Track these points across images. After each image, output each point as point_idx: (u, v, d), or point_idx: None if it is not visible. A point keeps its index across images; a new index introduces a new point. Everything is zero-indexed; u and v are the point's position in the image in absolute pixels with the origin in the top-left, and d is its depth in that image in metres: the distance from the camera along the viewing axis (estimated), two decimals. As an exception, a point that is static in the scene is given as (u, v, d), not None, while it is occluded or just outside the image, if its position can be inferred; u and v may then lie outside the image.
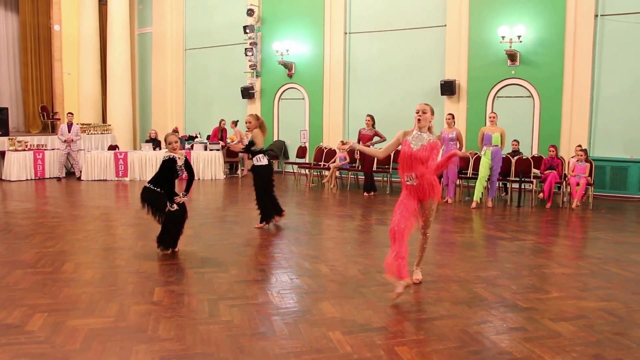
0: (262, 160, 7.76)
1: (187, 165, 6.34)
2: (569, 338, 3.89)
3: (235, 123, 14.82)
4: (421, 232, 5.09)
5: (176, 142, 6.17)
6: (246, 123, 7.73)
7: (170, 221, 6.14)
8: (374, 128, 11.41)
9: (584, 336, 3.93)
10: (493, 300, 4.72)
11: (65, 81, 18.15)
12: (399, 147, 4.92)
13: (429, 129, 4.82)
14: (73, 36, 18.14)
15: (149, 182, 6.16)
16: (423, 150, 4.69)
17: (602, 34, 11.32)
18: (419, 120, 4.78)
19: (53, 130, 16.77)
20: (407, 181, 4.79)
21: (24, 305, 4.42)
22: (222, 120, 15.55)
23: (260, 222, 7.87)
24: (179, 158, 6.13)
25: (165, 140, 6.24)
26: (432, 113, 4.85)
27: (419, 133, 4.79)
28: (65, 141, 13.72)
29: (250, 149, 7.73)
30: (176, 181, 6.30)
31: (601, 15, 11.28)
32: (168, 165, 6.07)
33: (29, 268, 5.56)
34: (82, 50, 17.88)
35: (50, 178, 13.99)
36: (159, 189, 6.08)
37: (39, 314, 4.23)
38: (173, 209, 6.10)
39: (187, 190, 6.33)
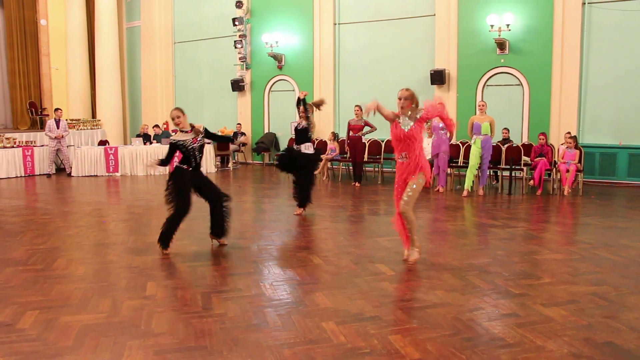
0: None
1: (210, 136, 6.17)
2: (561, 322, 3.93)
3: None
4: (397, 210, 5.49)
5: (178, 117, 5.84)
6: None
7: (171, 217, 5.97)
8: (363, 118, 11.40)
9: (575, 320, 3.97)
10: (485, 288, 4.75)
11: (53, 76, 17.97)
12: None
13: (414, 110, 5.32)
14: (60, 30, 17.94)
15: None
16: (412, 131, 5.27)
17: (589, 21, 11.35)
18: (401, 107, 5.35)
19: (42, 126, 16.61)
20: (399, 159, 5.37)
21: (15, 303, 4.39)
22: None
23: (302, 207, 8.28)
24: (191, 138, 5.86)
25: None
26: (412, 98, 5.32)
27: (405, 117, 5.36)
28: (55, 137, 13.62)
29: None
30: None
31: (588, 3, 11.30)
32: (173, 149, 5.90)
33: (20, 265, 5.52)
34: (69, 45, 17.70)
35: (40, 175, 13.89)
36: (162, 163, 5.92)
37: (30, 311, 4.20)
38: (155, 164, 5.80)
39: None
